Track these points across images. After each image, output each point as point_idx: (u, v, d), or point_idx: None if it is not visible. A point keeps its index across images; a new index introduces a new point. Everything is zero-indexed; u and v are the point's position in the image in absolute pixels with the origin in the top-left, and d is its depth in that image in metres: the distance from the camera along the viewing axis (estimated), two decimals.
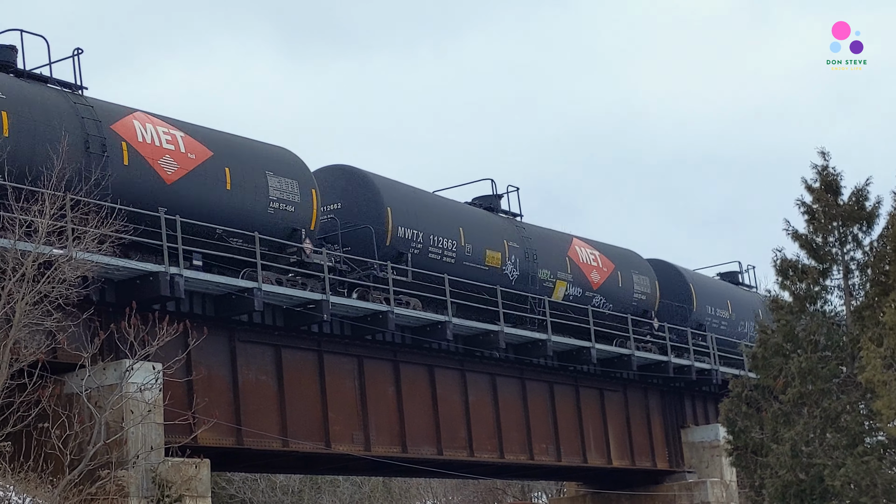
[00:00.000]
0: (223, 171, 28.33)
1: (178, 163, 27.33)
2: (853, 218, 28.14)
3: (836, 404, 27.02)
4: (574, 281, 38.97)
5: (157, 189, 26.76)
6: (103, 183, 24.92)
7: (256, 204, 28.89)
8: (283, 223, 29.47)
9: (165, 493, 24.84)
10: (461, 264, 34.75)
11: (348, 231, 32.22)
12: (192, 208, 27.25)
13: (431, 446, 34.59)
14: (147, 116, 27.52)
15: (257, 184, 29.06)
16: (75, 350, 24.59)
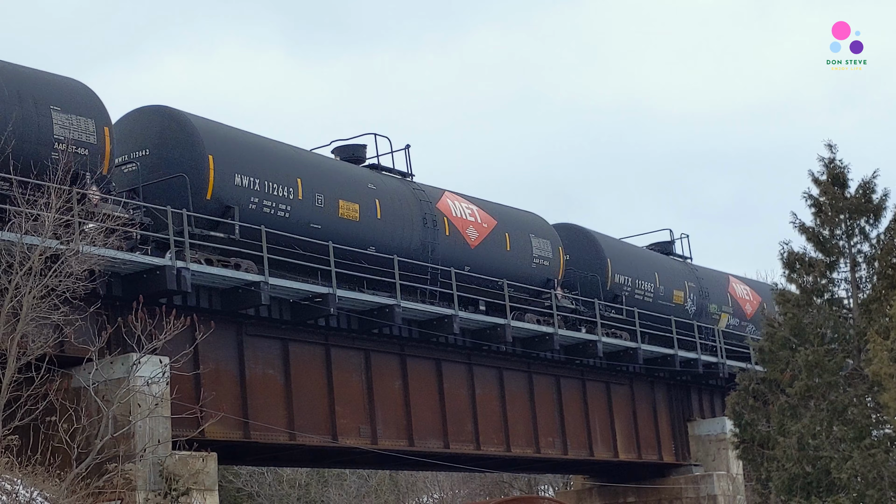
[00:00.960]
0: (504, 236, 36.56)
1: (477, 231, 35.69)
2: (860, 211, 28.10)
3: (842, 397, 27.00)
4: (734, 313, 46.91)
5: (465, 251, 35.12)
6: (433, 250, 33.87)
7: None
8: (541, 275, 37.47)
9: (173, 487, 24.88)
10: (657, 303, 42.46)
11: None
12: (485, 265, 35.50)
13: (438, 440, 34.62)
14: (454, 195, 36.10)
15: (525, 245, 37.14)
16: (82, 344, 24.63)
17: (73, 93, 26.35)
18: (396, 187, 34.18)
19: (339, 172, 32.71)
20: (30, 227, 23.15)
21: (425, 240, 33.87)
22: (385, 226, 32.74)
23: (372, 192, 32.75)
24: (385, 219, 32.75)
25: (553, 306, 37.07)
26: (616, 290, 40.82)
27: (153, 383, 25.08)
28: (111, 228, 24.48)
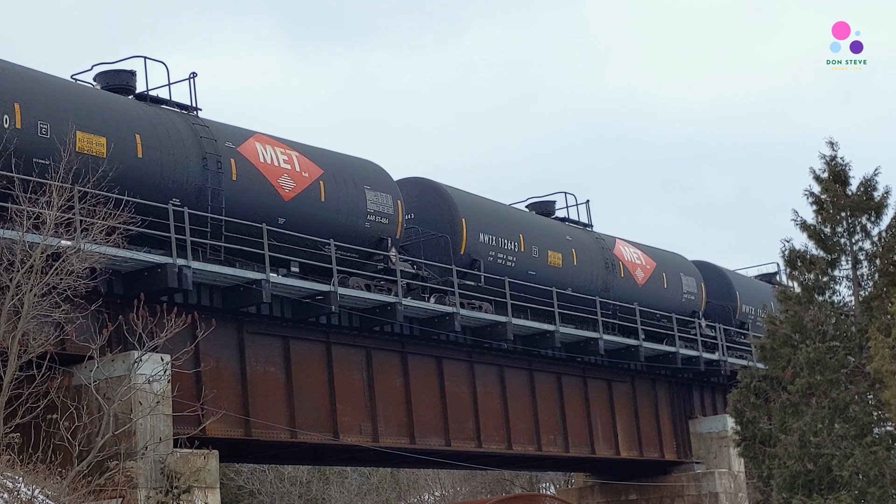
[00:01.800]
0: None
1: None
2: (861, 208, 28.07)
3: (844, 395, 26.99)
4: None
5: None
6: None
7: None
8: None
9: (174, 485, 24.88)
10: None
11: None
12: None
13: (439, 437, 34.63)
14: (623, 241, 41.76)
15: None
16: (84, 342, 24.64)
17: (376, 174, 33.01)
18: (583, 237, 40.58)
19: (545, 227, 39.18)
20: (31, 225, 23.15)
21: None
22: (579, 270, 38.98)
23: (569, 242, 39.06)
24: (580, 265, 39.08)
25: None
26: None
27: (154, 381, 25.08)
28: None
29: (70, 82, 28.05)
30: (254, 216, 28.80)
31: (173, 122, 28.58)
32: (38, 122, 25.11)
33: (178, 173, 27.76)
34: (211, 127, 29.31)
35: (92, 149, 25.89)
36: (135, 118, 27.60)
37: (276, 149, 30.51)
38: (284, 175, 30.26)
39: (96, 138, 26.13)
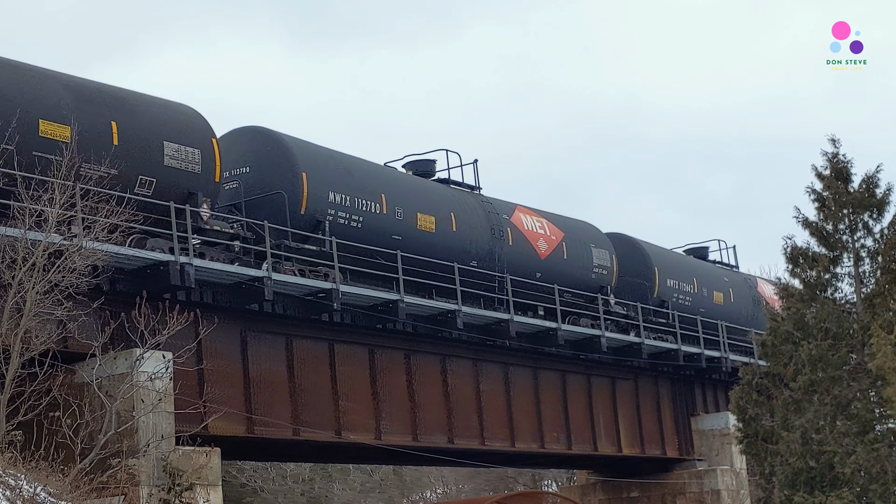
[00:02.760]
0: None
1: None
2: (863, 205, 28.06)
3: (846, 392, 26.99)
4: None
5: None
6: None
7: None
8: None
9: (176, 482, 24.88)
10: None
11: None
12: None
13: (443, 435, 34.63)
14: None
15: None
16: (86, 339, 24.65)
17: (597, 234, 39.57)
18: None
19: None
20: (33, 222, 23.18)
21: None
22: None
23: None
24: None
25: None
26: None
27: (157, 379, 25.10)
28: None
29: (409, 176, 35.94)
30: (521, 272, 36.34)
31: (469, 201, 36.26)
32: (395, 208, 32.64)
33: (476, 242, 35.41)
34: (493, 203, 37.04)
35: (426, 226, 33.72)
36: (449, 200, 35.50)
37: (532, 217, 38.08)
38: (540, 238, 37.77)
39: (429, 217, 33.86)
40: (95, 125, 25.71)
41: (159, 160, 26.84)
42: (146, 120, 27.02)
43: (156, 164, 26.76)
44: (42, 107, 24.85)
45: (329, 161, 31.91)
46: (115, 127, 26.13)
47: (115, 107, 26.60)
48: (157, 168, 26.73)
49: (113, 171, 25.29)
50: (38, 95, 25.02)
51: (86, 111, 25.64)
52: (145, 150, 26.64)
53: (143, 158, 26.53)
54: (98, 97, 26.41)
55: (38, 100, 24.90)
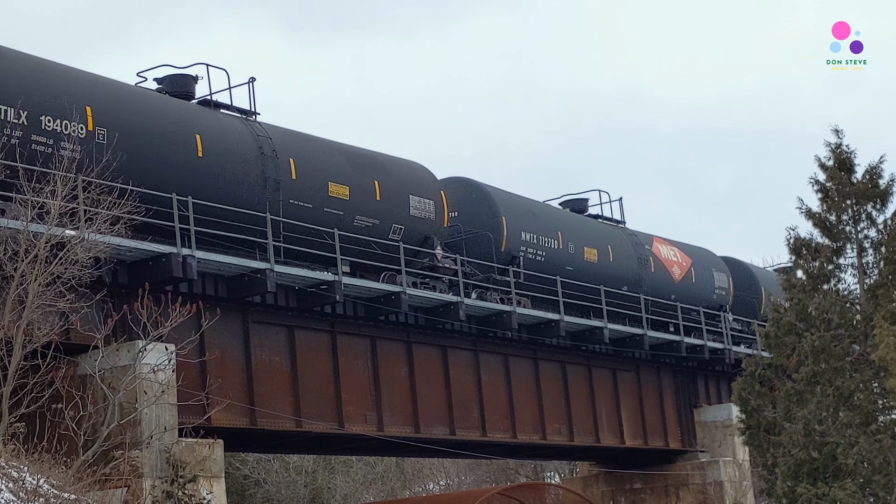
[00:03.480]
0: None
1: None
2: (867, 196, 27.99)
3: (849, 383, 26.95)
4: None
5: None
6: None
7: None
8: None
9: (179, 474, 24.89)
10: None
11: None
12: None
13: (444, 426, 34.65)
14: None
15: None
16: (88, 331, 24.66)
17: (716, 259, 45.60)
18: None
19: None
20: (35, 214, 23.16)
21: None
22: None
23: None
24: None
25: None
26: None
27: (159, 370, 25.10)
28: None
29: (574, 215, 41.90)
30: (659, 294, 41.76)
31: (619, 234, 41.85)
32: (568, 243, 38.65)
33: (627, 269, 40.90)
34: (637, 235, 42.50)
35: (591, 258, 39.19)
36: (606, 234, 41.19)
37: (667, 247, 43.59)
38: (675, 265, 43.26)
39: (593, 250, 39.43)
40: (364, 185, 31.64)
41: (406, 211, 32.73)
42: (397, 178, 32.95)
43: (404, 214, 32.67)
44: (331, 172, 30.92)
45: (520, 205, 37.90)
46: (377, 186, 32.01)
47: (376, 169, 32.48)
48: (405, 217, 32.65)
49: (376, 220, 31.46)
50: (329, 163, 31.17)
51: (357, 174, 31.66)
52: (397, 203, 32.54)
53: (396, 210, 32.46)
54: (366, 161, 32.44)
55: (328, 167, 31.00)
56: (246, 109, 30.60)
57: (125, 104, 27.09)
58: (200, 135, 28.23)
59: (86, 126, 25.39)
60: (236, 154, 28.88)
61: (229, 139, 28.96)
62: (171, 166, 27.24)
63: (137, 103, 27.61)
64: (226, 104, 30.44)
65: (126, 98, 27.47)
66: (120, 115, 26.48)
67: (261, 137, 29.70)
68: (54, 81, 25.59)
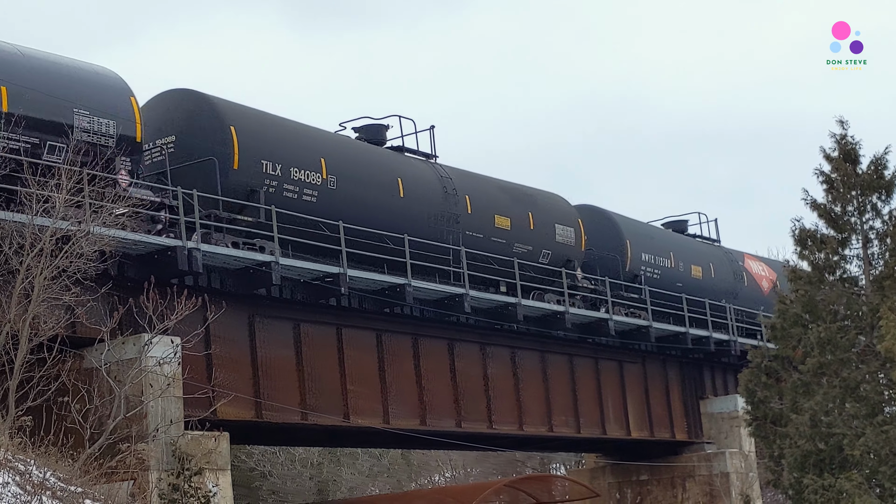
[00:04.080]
0: None
1: None
2: (872, 187, 27.92)
3: (855, 374, 26.91)
4: None
5: None
6: None
7: None
8: None
9: (185, 467, 24.89)
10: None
11: None
12: None
13: (451, 419, 34.65)
14: None
15: None
16: (94, 324, 24.66)
17: None
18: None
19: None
20: (40, 208, 23.17)
21: None
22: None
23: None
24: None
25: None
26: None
27: (165, 363, 25.12)
28: None
29: (683, 236, 46.43)
30: (750, 305, 45.66)
31: (718, 252, 46.49)
32: (679, 262, 43.28)
33: (726, 283, 45.24)
34: (732, 252, 47.16)
35: (697, 275, 43.82)
36: (707, 252, 45.50)
37: (756, 262, 48.38)
38: (764, 279, 47.71)
39: (698, 268, 43.98)
40: (521, 216, 36.38)
41: (553, 237, 37.27)
42: (545, 209, 37.55)
43: (551, 240, 37.19)
44: (496, 206, 35.88)
45: (640, 229, 42.72)
46: (531, 217, 36.74)
47: (529, 203, 37.12)
48: (551, 243, 37.15)
49: (529, 247, 36.06)
50: (492, 198, 36.05)
51: (516, 207, 36.42)
52: (546, 232, 37.11)
53: (545, 237, 37.04)
54: (520, 196, 37.10)
55: (492, 201, 35.89)
56: (428, 153, 35.45)
57: (347, 154, 32.18)
58: (402, 178, 33.17)
59: (321, 174, 30.28)
60: (427, 193, 33.92)
61: (419, 181, 33.88)
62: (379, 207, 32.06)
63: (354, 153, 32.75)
64: (411, 148, 35.24)
65: (347, 149, 32.73)
66: (344, 164, 31.37)
67: (444, 178, 34.64)
68: (299, 139, 30.73)
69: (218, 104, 29.39)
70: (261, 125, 30.01)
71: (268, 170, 29.14)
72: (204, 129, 28.83)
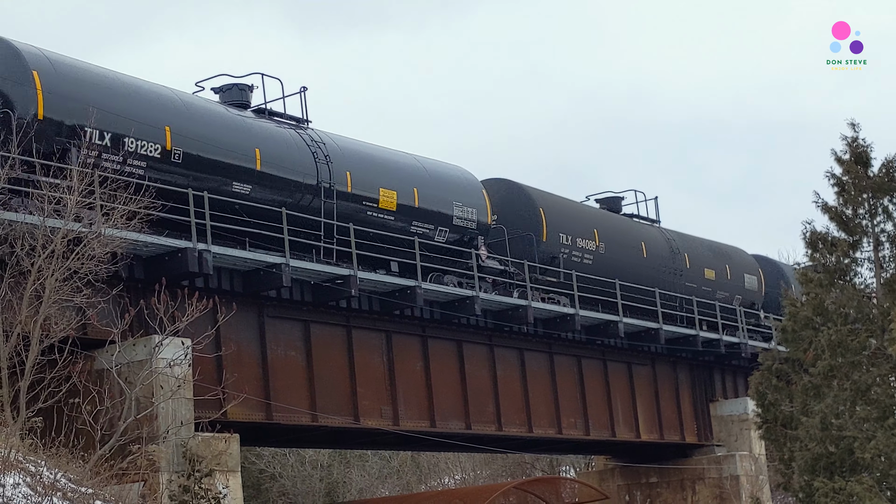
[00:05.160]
0: None
1: None
2: (883, 190, 27.85)
3: (866, 377, 26.85)
4: None
5: None
6: None
7: None
8: None
9: (196, 468, 24.92)
10: None
11: None
12: None
13: (460, 421, 34.65)
14: None
15: None
16: (105, 326, 24.69)
17: None
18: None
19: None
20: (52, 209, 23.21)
21: None
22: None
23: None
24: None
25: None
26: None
27: (175, 365, 25.14)
28: None
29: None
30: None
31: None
32: None
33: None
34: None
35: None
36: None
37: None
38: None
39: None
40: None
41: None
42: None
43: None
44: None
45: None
46: None
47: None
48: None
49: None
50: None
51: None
52: None
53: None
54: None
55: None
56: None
57: None
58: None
59: None
60: None
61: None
62: None
63: None
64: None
65: None
66: None
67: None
68: None
69: None
70: None
71: None
72: None
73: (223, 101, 30.41)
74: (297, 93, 31.64)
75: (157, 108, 27.04)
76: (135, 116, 26.19)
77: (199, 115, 28.20)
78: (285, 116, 31.42)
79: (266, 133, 29.82)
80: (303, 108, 31.64)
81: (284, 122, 31.19)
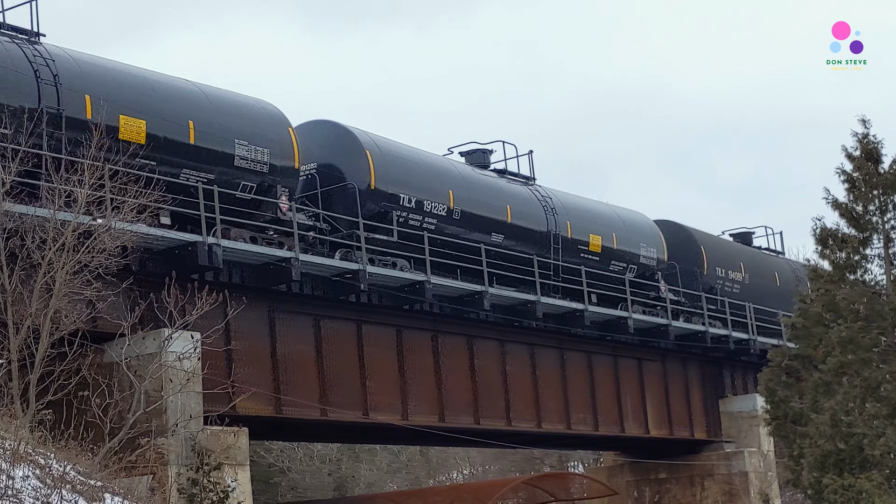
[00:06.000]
0: None
1: None
2: (894, 186, 27.81)
3: (876, 374, 26.79)
4: None
5: None
6: None
7: None
8: None
9: (205, 462, 24.96)
10: None
11: None
12: None
13: (469, 416, 34.66)
14: None
15: None
16: (115, 319, 24.73)
17: None
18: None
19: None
20: (62, 203, 23.24)
21: None
22: None
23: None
24: None
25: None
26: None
27: (185, 358, 25.16)
28: None
29: None
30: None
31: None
32: None
33: None
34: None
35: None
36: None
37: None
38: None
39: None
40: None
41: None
42: None
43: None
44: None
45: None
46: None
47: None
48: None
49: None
50: None
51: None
52: None
53: None
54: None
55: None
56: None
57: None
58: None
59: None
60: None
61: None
62: None
63: None
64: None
65: None
66: None
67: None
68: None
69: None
70: None
71: None
72: None
73: (468, 162, 37.02)
74: (526, 154, 38.34)
75: (442, 178, 34.02)
76: (429, 186, 33.10)
77: (471, 183, 35.22)
78: (518, 175, 37.97)
79: (512, 192, 36.70)
80: (531, 168, 38.33)
81: (515, 179, 37.74)
